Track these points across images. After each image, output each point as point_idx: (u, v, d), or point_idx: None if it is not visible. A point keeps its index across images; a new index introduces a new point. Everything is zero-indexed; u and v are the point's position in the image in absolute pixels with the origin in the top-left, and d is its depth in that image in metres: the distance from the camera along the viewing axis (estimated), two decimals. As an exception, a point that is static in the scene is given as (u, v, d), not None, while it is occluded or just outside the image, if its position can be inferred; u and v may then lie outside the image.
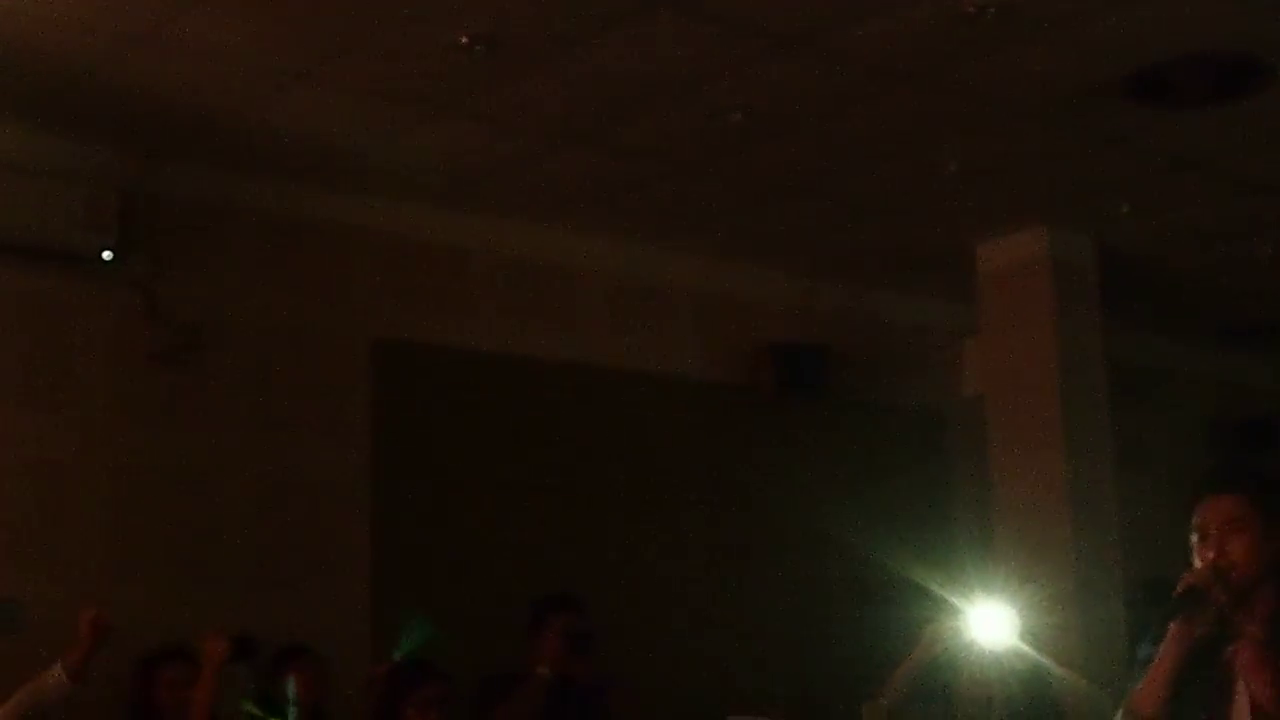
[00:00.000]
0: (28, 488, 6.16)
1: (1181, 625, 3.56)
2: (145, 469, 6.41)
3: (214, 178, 6.62)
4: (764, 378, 8.09)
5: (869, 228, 7.66)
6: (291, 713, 5.63)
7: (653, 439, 7.68)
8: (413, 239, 7.20)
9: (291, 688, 5.62)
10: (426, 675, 5.36)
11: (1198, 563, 3.61)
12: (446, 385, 7.13)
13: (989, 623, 5.11)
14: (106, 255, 6.24)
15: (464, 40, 5.46)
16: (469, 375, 7.18)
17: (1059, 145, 6.66)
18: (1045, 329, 7.78)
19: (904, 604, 5.52)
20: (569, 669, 5.92)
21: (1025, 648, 5.17)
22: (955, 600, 5.20)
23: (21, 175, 6.04)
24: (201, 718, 5.44)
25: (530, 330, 7.44)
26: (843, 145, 6.58)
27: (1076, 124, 6.42)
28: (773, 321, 8.24)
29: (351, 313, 7.01)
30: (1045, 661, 5.14)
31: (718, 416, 7.96)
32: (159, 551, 6.37)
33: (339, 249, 7.03)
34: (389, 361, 7.03)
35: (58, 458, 6.23)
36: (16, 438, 6.16)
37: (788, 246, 7.93)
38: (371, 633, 6.54)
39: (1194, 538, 3.64)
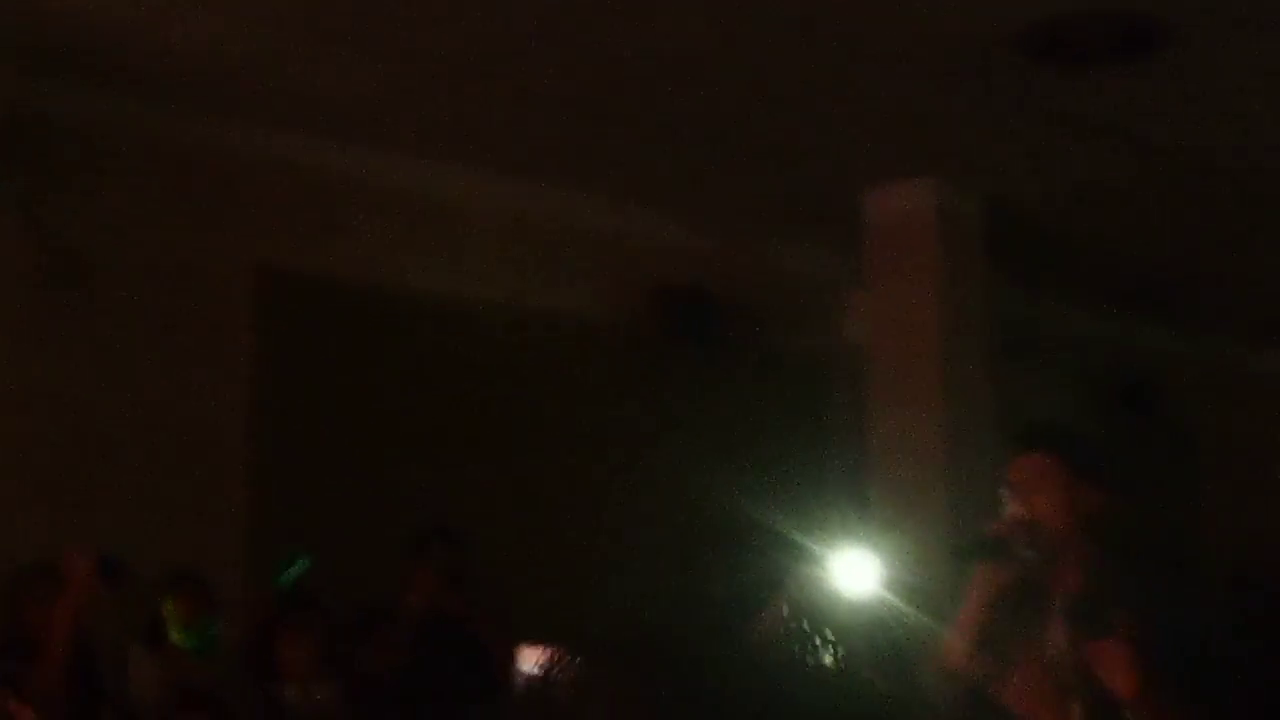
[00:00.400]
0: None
1: (986, 572, 3.68)
2: (22, 392, 6.35)
3: (101, 99, 6.52)
4: (651, 322, 8.12)
5: (760, 174, 7.66)
6: (182, 631, 5.68)
7: (536, 379, 7.70)
8: (304, 168, 7.14)
9: (174, 611, 5.66)
10: (299, 605, 5.39)
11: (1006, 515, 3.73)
12: (331, 317, 7.11)
13: (851, 570, 5.19)
14: (-13, 179, 6.17)
15: (355, -31, 5.44)
16: (354, 307, 7.17)
17: (952, 99, 6.66)
18: (929, 282, 7.78)
19: (772, 551, 5.58)
20: (441, 601, 5.96)
21: (886, 596, 5.25)
22: (819, 548, 5.27)
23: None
24: (61, 635, 5.27)
25: (418, 265, 7.42)
26: (737, 91, 6.59)
27: (970, 79, 6.41)
28: (661, 266, 8.26)
29: (237, 242, 6.94)
30: (902, 609, 5.22)
31: (603, 359, 7.99)
32: (33, 475, 6.32)
33: (228, 177, 6.96)
34: (273, 291, 6.99)
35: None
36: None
37: (679, 191, 7.94)
38: (245, 562, 6.54)
39: (1005, 492, 3.77)
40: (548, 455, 7.62)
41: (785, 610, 5.92)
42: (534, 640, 6.25)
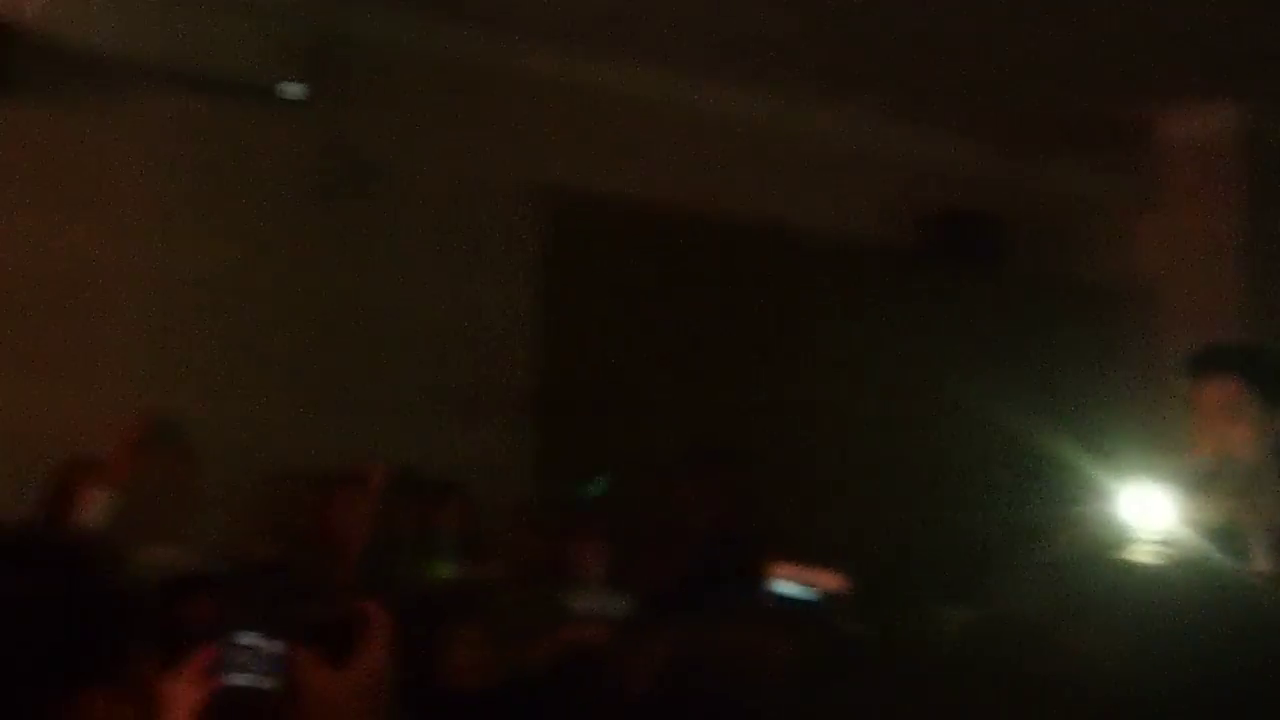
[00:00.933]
0: (205, 313, 6.35)
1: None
2: (317, 304, 6.57)
3: (400, 20, 6.67)
4: (932, 246, 8.00)
5: (1048, 92, 7.44)
6: (450, 551, 5.82)
7: (816, 301, 7.66)
8: (589, 88, 7.20)
9: (440, 524, 5.82)
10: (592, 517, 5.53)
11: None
12: (615, 235, 7.17)
13: (1142, 505, 5.04)
14: (292, 91, 6.35)
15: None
16: (638, 226, 7.21)
17: (1252, 15, 6.38)
18: (1229, 210, 7.51)
19: (1057, 481, 5.46)
20: (723, 522, 5.99)
21: (1184, 534, 5.09)
22: (1108, 480, 5.13)
23: (216, 10, 6.15)
24: (358, 544, 5.57)
25: (700, 184, 7.41)
26: (1021, 3, 6.41)
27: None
28: (944, 188, 8.11)
29: (525, 160, 7.05)
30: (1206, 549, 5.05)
31: (883, 282, 7.90)
32: (324, 383, 6.54)
33: (518, 96, 7.05)
34: (559, 209, 7.07)
35: (233, 285, 6.40)
36: (195, 262, 6.32)
37: (964, 110, 7.76)
38: (533, 478, 6.67)
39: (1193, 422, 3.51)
40: (825, 379, 7.58)
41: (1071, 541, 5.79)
42: (811, 563, 6.29)
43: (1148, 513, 5.12)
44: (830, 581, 1.93)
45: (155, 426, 5.38)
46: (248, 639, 2.00)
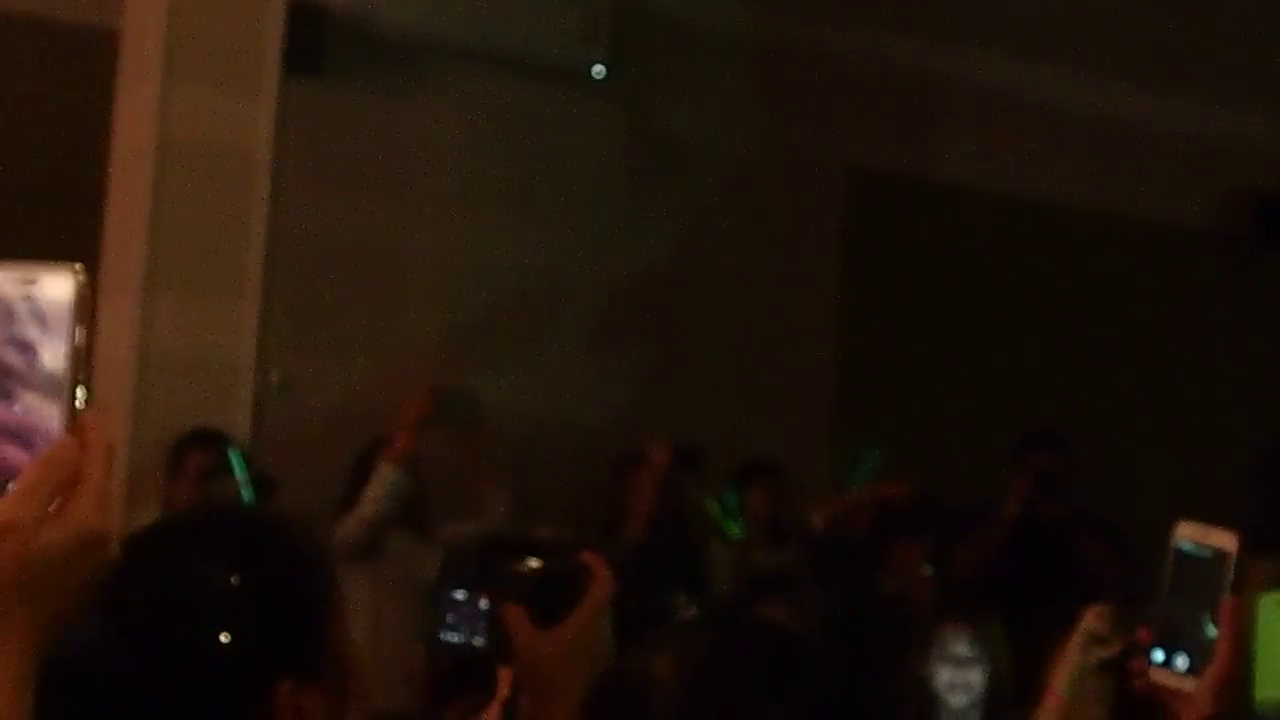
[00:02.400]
0: (512, 292, 6.41)
1: None
2: (622, 281, 6.58)
3: (703, -1, 6.66)
4: (1248, 227, 7.70)
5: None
6: (739, 524, 5.77)
7: (1127, 285, 7.41)
8: (894, 68, 7.09)
9: (733, 501, 5.77)
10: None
11: None
12: (919, 216, 7.04)
13: None
14: (598, 71, 6.37)
15: None
16: (942, 208, 7.07)
17: None
18: None
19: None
20: (1038, 508, 5.81)
21: None
22: None
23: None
24: (640, 519, 5.62)
25: (1008, 167, 7.25)
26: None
27: None
28: (1262, 171, 7.79)
29: (829, 140, 6.97)
30: None
31: (1195, 265, 7.62)
32: (632, 363, 6.55)
33: (820, 75, 6.97)
34: (863, 190, 7.01)
35: (539, 264, 6.45)
36: (501, 243, 6.39)
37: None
38: (829, 458, 6.58)
39: None
40: (1140, 364, 7.32)
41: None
42: (1130, 552, 6.07)
43: None
44: (1228, 540, 1.83)
45: (442, 401, 5.40)
46: (459, 594, 1.95)
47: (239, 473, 4.77)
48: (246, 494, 4.70)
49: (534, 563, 2.00)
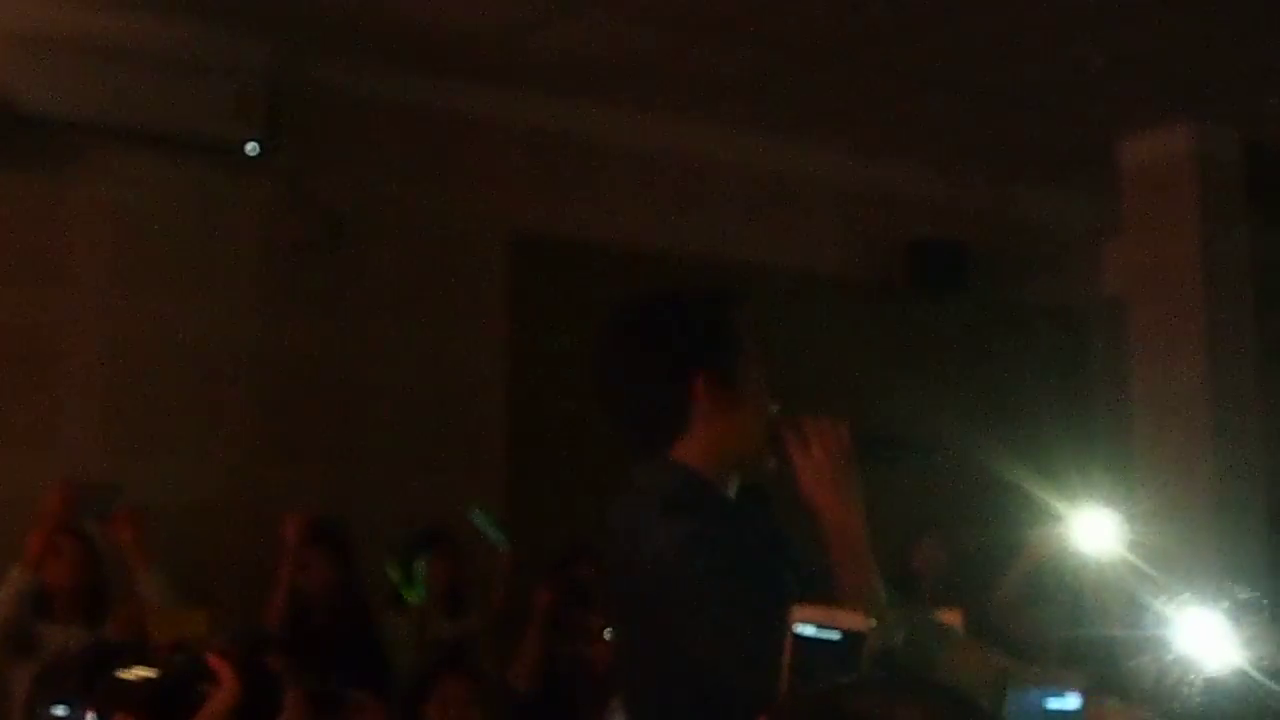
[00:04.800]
0: (174, 372, 6.33)
1: None
2: (287, 356, 6.55)
3: (359, 71, 6.70)
4: (901, 274, 8.03)
5: (1010, 122, 7.51)
6: (418, 591, 5.76)
7: (786, 334, 7.60)
8: (551, 132, 7.24)
9: (422, 569, 5.76)
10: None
11: None
12: (582, 277, 7.14)
13: (1091, 530, 4.98)
14: (251, 148, 6.34)
15: (604, -68, 5.46)
16: (604, 268, 7.19)
17: (1206, 36, 6.46)
18: (1190, 230, 7.57)
19: (1021, 508, 5.44)
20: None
21: (1130, 559, 5.02)
22: (1062, 506, 5.08)
23: (173, 67, 6.17)
24: (280, 596, 5.56)
25: (666, 224, 7.44)
26: (985, 36, 6.46)
27: (1225, 15, 6.22)
28: (911, 217, 8.14)
29: (491, 205, 7.08)
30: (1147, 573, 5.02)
31: (852, 313, 7.90)
32: (301, 436, 6.53)
33: (479, 142, 7.10)
34: (526, 253, 7.11)
35: (204, 343, 6.38)
36: (163, 323, 6.32)
37: (927, 141, 7.82)
38: (507, 517, 6.64)
39: None
40: (796, 411, 7.53)
41: (1030, 567, 5.82)
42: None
43: (1099, 537, 5.06)
44: (855, 622, 1.81)
45: (78, 497, 5.26)
46: (59, 711, 1.93)
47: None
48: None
49: (145, 671, 1.94)
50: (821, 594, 2.22)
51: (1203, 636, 3.06)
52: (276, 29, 6.33)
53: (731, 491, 2.50)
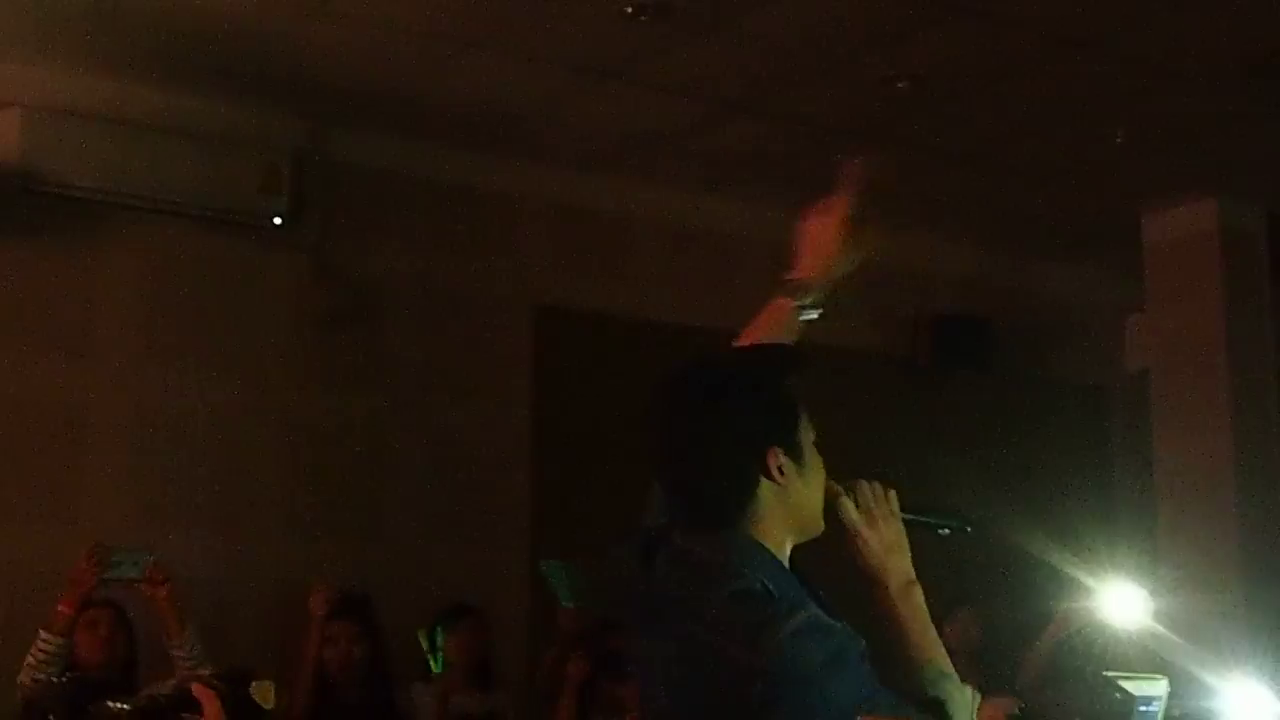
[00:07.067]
0: (200, 445, 6.34)
1: None
2: (314, 429, 6.58)
3: (384, 144, 6.75)
4: (924, 350, 8.03)
5: (1034, 198, 7.54)
6: (438, 660, 5.74)
7: (810, 410, 7.62)
8: (577, 206, 7.29)
9: (441, 639, 5.74)
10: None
11: None
12: (607, 351, 7.18)
13: (1119, 604, 4.95)
14: (276, 220, 6.38)
15: (629, 9, 5.50)
16: (629, 342, 7.22)
17: (1231, 114, 6.50)
18: (1213, 303, 7.59)
19: (1047, 583, 5.42)
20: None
21: (1159, 631, 5.00)
22: (1089, 580, 5.06)
23: (199, 142, 6.22)
24: (306, 669, 5.56)
25: (691, 299, 7.44)
26: (1009, 113, 6.51)
27: (1250, 92, 6.26)
28: (934, 293, 8.17)
29: (516, 278, 7.12)
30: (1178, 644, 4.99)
31: (875, 387, 7.90)
32: (327, 510, 6.54)
33: (505, 215, 7.15)
34: (551, 327, 7.14)
35: (231, 417, 6.41)
36: (190, 395, 6.34)
37: (951, 216, 7.85)
38: (530, 591, 6.63)
39: None
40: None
41: (1056, 642, 5.79)
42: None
43: (1128, 611, 5.03)
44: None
45: (106, 562, 5.19)
46: None
47: None
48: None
49: (122, 703, 1.96)
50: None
51: (1249, 708, 3.05)
52: (304, 104, 6.40)
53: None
